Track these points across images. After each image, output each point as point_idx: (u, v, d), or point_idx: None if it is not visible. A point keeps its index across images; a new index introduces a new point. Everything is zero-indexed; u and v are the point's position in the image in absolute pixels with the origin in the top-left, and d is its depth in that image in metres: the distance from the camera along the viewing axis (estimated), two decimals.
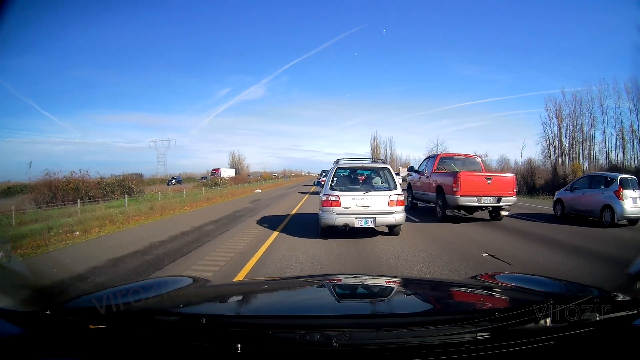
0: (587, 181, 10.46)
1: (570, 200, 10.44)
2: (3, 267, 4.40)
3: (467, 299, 1.63)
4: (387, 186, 7.03)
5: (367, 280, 2.00)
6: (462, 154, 11.66)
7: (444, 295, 1.71)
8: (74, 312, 1.15)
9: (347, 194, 6.69)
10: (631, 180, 9.32)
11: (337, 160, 7.50)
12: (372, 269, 5.10)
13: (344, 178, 7.34)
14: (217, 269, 5.13)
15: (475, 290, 1.71)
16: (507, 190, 9.19)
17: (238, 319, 1.25)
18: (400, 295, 1.69)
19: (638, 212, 8.86)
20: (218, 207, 15.33)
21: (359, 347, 0.98)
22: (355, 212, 6.61)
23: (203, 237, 7.84)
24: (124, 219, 10.87)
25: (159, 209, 13.26)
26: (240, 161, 73.83)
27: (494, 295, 1.61)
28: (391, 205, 6.68)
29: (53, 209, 13.26)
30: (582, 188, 10.20)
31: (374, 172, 7.64)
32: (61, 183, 16.00)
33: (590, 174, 12.73)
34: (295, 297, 1.65)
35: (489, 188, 9.01)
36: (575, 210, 10.20)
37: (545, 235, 7.92)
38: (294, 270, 4.97)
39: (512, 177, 9.69)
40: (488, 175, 9.43)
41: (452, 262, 5.42)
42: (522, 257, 5.83)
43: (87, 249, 7.27)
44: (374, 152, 64.05)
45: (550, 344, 1.02)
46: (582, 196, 9.97)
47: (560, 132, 33.31)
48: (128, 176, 21.04)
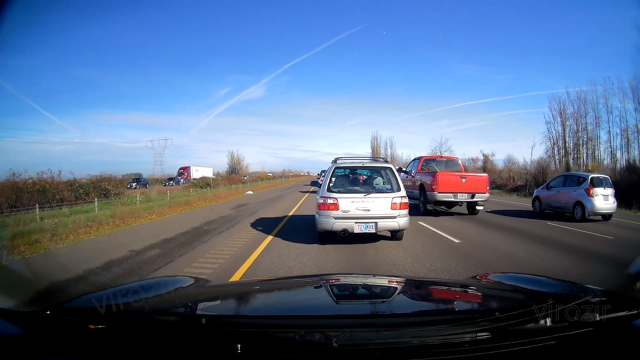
0: (562, 180, 11.44)
1: (546, 197, 11.44)
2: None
3: (467, 299, 1.63)
4: (390, 187, 6.45)
5: (367, 280, 2.00)
6: (443, 157, 13.61)
7: (444, 295, 1.71)
8: (74, 312, 1.15)
9: (346, 196, 6.14)
10: (603, 179, 10.27)
11: (335, 159, 6.87)
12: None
13: (343, 178, 6.79)
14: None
15: (475, 290, 1.71)
16: (481, 187, 10.56)
17: (238, 319, 1.25)
18: (400, 295, 1.69)
19: (608, 208, 9.84)
20: (191, 215, 12.57)
21: (359, 347, 0.98)
22: (354, 216, 6.03)
23: (127, 276, 4.91)
24: (68, 231, 8.44)
25: (126, 215, 11.15)
26: (239, 161, 72.71)
27: (494, 295, 1.61)
28: (394, 209, 6.09)
29: (14, 214, 10.71)
30: (558, 186, 11.19)
31: (376, 172, 7.16)
32: (26, 184, 14.13)
33: (565, 173, 13.94)
34: (295, 297, 1.65)
35: (464, 186, 10.36)
36: (551, 206, 11.18)
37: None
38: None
39: (485, 176, 11.22)
40: (463, 175, 10.83)
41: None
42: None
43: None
44: (374, 151, 63.16)
45: (550, 344, 1.02)
46: (557, 194, 10.97)
47: (564, 132, 33.11)
48: (105, 176, 18.49)
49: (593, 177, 10.31)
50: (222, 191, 24.63)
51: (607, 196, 9.82)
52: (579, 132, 32.28)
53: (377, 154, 60.04)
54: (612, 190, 10.01)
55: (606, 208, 9.82)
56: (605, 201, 9.79)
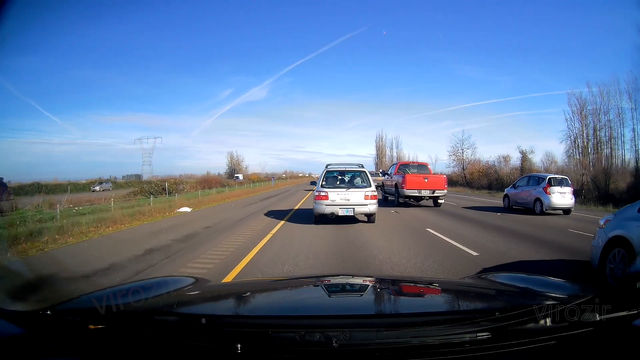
0: (526, 180, 13.47)
1: (513, 195, 13.62)
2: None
3: (467, 299, 1.63)
4: (364, 185, 9.26)
5: (367, 280, 2.00)
6: (416, 162, 17.05)
7: (444, 295, 1.71)
8: (74, 312, 1.15)
9: (333, 190, 8.96)
10: (561, 179, 12.28)
11: (327, 165, 9.79)
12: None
13: (332, 179, 9.45)
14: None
15: (475, 290, 1.71)
16: (440, 185, 13.66)
17: (238, 319, 1.25)
18: (400, 295, 1.69)
19: (565, 204, 11.80)
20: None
21: (359, 347, 0.98)
22: (339, 204, 8.88)
23: None
24: None
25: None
26: (239, 162, 72.04)
27: (494, 295, 1.61)
28: (366, 199, 8.95)
29: None
30: (522, 185, 13.32)
31: (355, 174, 9.69)
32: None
33: (528, 174, 15.65)
34: (295, 297, 1.65)
35: (427, 184, 13.52)
36: (517, 202, 13.28)
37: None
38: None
39: (443, 177, 14.41)
40: (426, 176, 13.93)
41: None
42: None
43: None
44: (379, 152, 60.87)
45: (550, 344, 1.02)
46: (522, 192, 13.06)
47: (584, 130, 31.28)
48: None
49: (550, 177, 12.39)
50: (152, 207, 14.34)
51: (564, 194, 11.76)
52: (601, 130, 30.39)
53: (382, 154, 59.13)
54: (570, 189, 12.00)
55: (562, 203, 11.73)
56: (562, 198, 11.71)
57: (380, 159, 59.98)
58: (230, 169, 67.77)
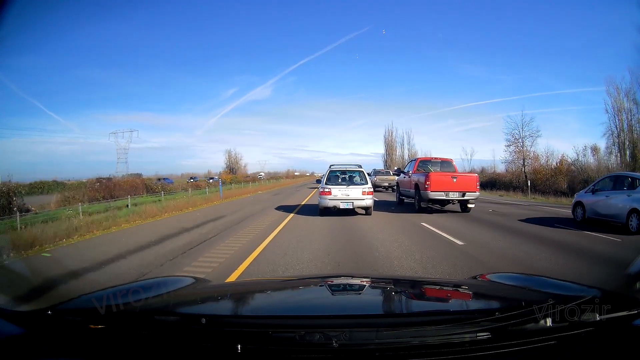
0: (609, 182, 9.14)
1: (592, 203, 9.21)
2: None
3: (467, 299, 1.63)
4: (362, 182, 10.74)
5: (367, 280, 2.00)
6: (438, 158, 13.84)
7: (444, 295, 1.71)
8: (74, 312, 1.15)
9: (335, 187, 10.49)
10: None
11: (330, 165, 11.49)
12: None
13: (334, 177, 10.96)
14: None
15: (476, 290, 1.71)
16: (471, 186, 11.29)
17: (238, 319, 1.25)
18: (400, 295, 1.69)
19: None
20: None
21: (359, 347, 0.98)
22: (340, 198, 10.35)
23: None
24: None
25: None
26: (237, 160, 68.18)
27: (494, 295, 1.61)
28: (364, 194, 10.39)
29: None
30: (606, 189, 8.99)
31: (354, 173, 11.16)
32: None
33: (612, 174, 10.75)
34: (295, 297, 1.65)
35: (455, 185, 11.14)
36: (598, 214, 8.99)
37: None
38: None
39: (475, 176, 12.03)
40: (454, 175, 11.55)
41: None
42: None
43: None
44: (389, 148, 53.38)
45: (550, 344, 1.02)
46: (606, 199, 8.75)
47: (622, 124, 26.38)
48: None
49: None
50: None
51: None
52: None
53: (392, 150, 53.35)
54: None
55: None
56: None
57: (390, 156, 53.28)
58: (229, 167, 66.71)
